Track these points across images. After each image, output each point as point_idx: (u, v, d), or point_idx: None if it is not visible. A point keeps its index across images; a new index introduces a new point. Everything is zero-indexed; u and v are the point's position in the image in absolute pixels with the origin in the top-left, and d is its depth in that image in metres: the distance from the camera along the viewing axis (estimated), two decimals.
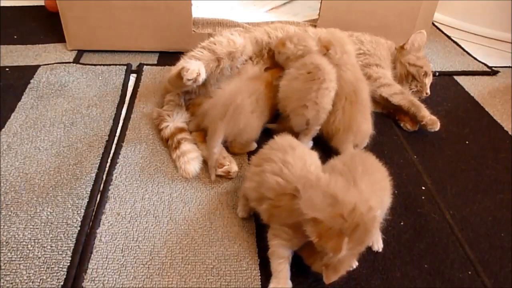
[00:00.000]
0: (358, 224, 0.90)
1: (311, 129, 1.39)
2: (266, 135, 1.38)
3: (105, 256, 1.08)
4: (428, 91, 1.72)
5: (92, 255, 1.08)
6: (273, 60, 1.54)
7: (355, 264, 1.07)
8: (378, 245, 1.13)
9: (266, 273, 1.06)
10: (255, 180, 1.10)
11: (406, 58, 1.72)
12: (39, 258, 1.06)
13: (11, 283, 1.00)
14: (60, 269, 1.04)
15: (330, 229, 0.90)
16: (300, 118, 1.37)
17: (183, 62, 1.39)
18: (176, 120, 1.45)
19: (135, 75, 1.83)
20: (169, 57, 1.90)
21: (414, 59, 1.71)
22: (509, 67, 2.11)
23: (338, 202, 0.92)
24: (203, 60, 1.40)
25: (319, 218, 0.90)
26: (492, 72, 2.05)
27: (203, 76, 1.31)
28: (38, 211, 1.18)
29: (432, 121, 1.54)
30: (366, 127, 1.43)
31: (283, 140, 1.17)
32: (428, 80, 1.72)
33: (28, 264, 1.05)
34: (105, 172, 1.33)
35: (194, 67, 1.29)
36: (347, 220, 0.90)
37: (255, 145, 1.41)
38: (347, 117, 1.40)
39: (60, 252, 1.08)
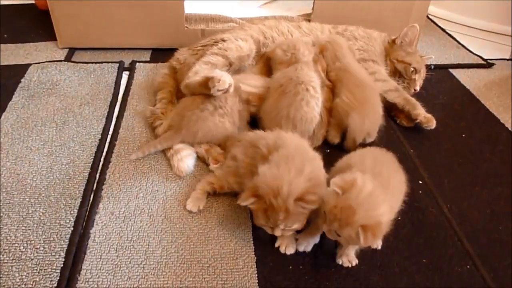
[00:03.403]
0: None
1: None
2: None
3: (99, 257, 1.06)
4: (417, 87, 1.69)
5: (85, 255, 1.06)
6: (269, 61, 1.54)
7: (354, 261, 1.07)
8: (377, 242, 1.11)
9: (263, 271, 1.05)
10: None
11: (395, 54, 1.70)
12: (31, 259, 1.04)
13: (4, 286, 0.99)
14: (53, 270, 1.02)
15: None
16: None
17: (203, 70, 1.38)
18: (169, 117, 1.43)
19: (127, 72, 1.81)
20: (162, 54, 1.88)
21: (402, 55, 1.69)
22: (504, 59, 2.10)
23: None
24: (219, 66, 1.43)
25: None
26: (487, 64, 2.04)
27: (233, 86, 1.30)
28: (30, 212, 1.16)
29: (427, 119, 1.52)
30: (379, 108, 1.43)
31: None
32: (418, 76, 1.69)
33: (20, 266, 1.03)
34: (98, 171, 1.31)
35: (225, 77, 1.27)
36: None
37: None
38: (357, 94, 1.41)
39: (53, 253, 1.06)
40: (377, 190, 0.96)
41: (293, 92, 1.34)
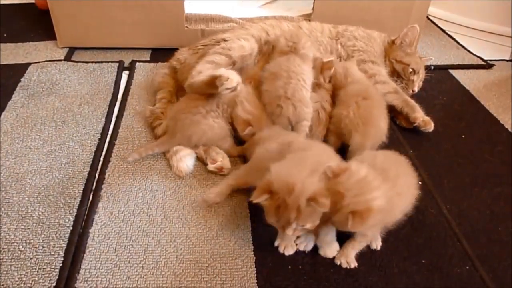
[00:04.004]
0: None
1: (299, 127, 1.36)
2: None
3: (98, 256, 1.06)
4: (415, 88, 1.69)
5: (84, 255, 1.06)
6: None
7: (353, 264, 1.07)
8: (377, 243, 1.12)
9: (262, 271, 1.04)
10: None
11: (394, 54, 1.70)
12: (30, 259, 1.04)
13: (2, 285, 0.98)
14: (52, 269, 1.02)
15: None
16: (280, 119, 1.35)
17: (208, 70, 1.38)
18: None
19: (127, 72, 1.81)
20: (161, 54, 1.88)
21: (401, 55, 1.68)
22: (504, 60, 2.10)
23: None
24: (222, 65, 1.43)
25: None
26: (487, 65, 2.04)
27: (241, 85, 1.30)
28: (29, 211, 1.16)
29: (425, 122, 1.52)
30: (383, 125, 1.40)
31: None
32: (417, 77, 1.69)
33: (19, 265, 1.03)
34: (98, 171, 1.31)
35: (233, 76, 1.26)
36: None
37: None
38: (363, 111, 1.36)
39: (52, 253, 1.06)
40: (371, 176, 0.97)
41: (285, 76, 1.35)
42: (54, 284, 0.99)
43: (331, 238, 1.09)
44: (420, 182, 1.32)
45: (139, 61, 1.87)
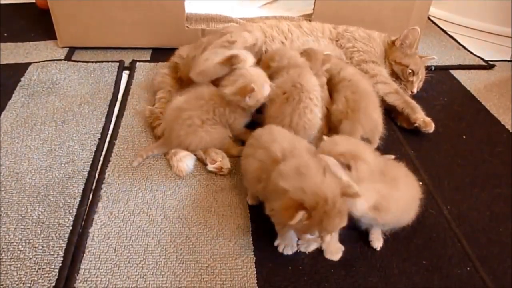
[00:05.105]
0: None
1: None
2: None
3: (98, 256, 1.06)
4: (414, 89, 1.69)
5: (84, 255, 1.06)
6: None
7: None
8: (378, 243, 1.12)
9: (262, 272, 1.04)
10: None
11: (393, 56, 1.69)
12: (30, 258, 1.04)
13: (2, 284, 0.98)
14: (52, 269, 1.02)
15: None
16: None
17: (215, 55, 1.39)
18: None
19: (127, 72, 1.81)
20: (162, 54, 1.88)
21: (400, 57, 1.68)
22: (505, 60, 2.10)
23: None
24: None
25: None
26: (488, 66, 2.04)
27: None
28: (29, 210, 1.16)
29: (425, 123, 1.51)
30: (375, 116, 1.40)
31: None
32: (416, 78, 1.68)
33: (19, 265, 1.03)
34: (98, 171, 1.31)
35: (248, 56, 1.32)
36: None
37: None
38: (351, 102, 1.38)
39: (52, 253, 1.06)
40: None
41: (296, 100, 1.31)
42: (54, 284, 0.99)
43: (335, 240, 1.09)
44: (420, 183, 1.33)
45: (140, 61, 1.87)
